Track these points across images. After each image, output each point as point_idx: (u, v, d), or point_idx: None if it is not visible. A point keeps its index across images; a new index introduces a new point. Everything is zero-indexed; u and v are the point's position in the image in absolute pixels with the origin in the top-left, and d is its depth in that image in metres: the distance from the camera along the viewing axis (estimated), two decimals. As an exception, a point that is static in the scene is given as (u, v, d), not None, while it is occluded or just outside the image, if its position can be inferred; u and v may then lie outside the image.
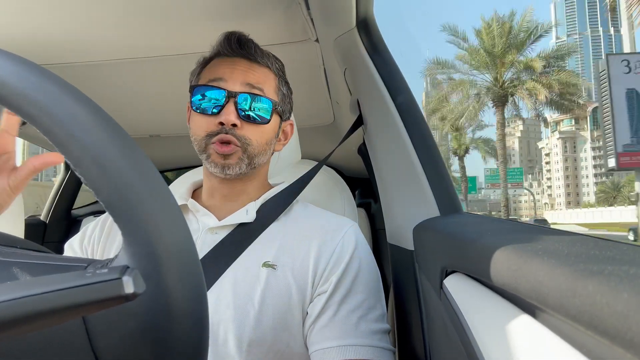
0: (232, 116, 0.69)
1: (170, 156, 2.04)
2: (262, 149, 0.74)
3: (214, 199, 0.77)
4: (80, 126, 0.28)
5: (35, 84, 0.28)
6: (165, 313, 0.29)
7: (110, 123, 0.30)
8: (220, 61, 0.74)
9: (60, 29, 0.98)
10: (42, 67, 0.30)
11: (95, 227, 0.80)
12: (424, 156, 0.73)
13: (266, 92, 0.73)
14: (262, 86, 0.72)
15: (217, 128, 0.70)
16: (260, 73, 0.74)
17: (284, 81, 0.79)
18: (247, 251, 0.70)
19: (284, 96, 0.78)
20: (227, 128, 0.69)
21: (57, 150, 0.29)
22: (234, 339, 0.64)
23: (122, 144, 0.29)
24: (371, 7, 0.85)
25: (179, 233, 0.30)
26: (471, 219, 0.57)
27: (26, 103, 0.28)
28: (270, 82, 0.75)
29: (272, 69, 0.76)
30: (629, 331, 0.17)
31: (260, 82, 0.73)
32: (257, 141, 0.72)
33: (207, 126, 0.70)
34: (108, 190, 0.28)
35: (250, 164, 0.73)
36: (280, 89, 0.77)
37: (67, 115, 0.28)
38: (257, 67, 0.74)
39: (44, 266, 0.32)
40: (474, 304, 0.37)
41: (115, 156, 0.29)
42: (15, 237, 0.40)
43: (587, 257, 0.24)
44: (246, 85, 0.71)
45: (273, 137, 0.76)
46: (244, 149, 0.71)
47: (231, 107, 0.69)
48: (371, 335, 0.66)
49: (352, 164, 1.93)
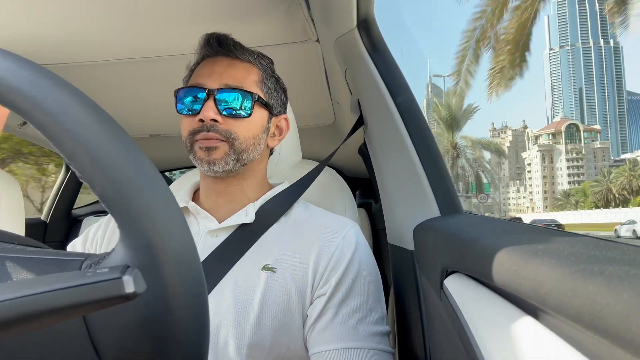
0: (210, 112, 0.69)
1: (171, 156, 2.05)
2: (250, 143, 0.73)
3: (211, 199, 0.77)
4: (73, 119, 0.28)
5: (27, 78, 0.28)
6: (163, 305, 0.29)
7: (102, 116, 0.30)
8: (204, 63, 0.75)
9: (61, 29, 0.98)
10: (34, 63, 0.30)
11: (98, 228, 0.80)
12: (425, 156, 0.73)
13: (246, 86, 0.73)
14: (241, 81, 0.73)
15: (198, 125, 0.70)
16: (240, 69, 0.74)
17: (271, 76, 0.78)
18: (247, 254, 0.70)
19: (270, 90, 0.77)
20: (208, 125, 0.70)
21: (52, 145, 0.29)
22: (234, 342, 0.64)
23: (115, 137, 0.29)
24: (372, 7, 0.85)
25: (176, 224, 0.30)
26: (472, 220, 0.57)
27: (19, 98, 0.28)
28: (252, 76, 0.75)
29: (255, 64, 0.76)
30: (629, 331, 0.17)
31: (239, 76, 0.73)
32: (243, 135, 0.72)
33: (190, 125, 0.71)
34: (102, 183, 0.28)
35: (239, 160, 0.72)
36: (265, 82, 0.76)
37: (59, 109, 0.28)
38: (237, 63, 0.74)
39: (40, 260, 0.32)
40: (474, 304, 0.37)
41: (108, 148, 0.28)
42: (15, 234, 0.40)
43: (588, 258, 0.24)
44: (224, 84, 0.71)
45: (261, 131, 0.76)
46: (231, 144, 0.71)
47: (210, 104, 0.69)
48: (370, 337, 0.66)
49: (353, 164, 1.94)
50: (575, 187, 78.65)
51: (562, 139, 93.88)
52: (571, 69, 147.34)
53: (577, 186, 79.60)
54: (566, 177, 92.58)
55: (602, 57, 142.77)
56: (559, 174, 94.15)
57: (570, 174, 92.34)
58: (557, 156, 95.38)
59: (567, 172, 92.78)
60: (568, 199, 79.45)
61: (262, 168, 0.81)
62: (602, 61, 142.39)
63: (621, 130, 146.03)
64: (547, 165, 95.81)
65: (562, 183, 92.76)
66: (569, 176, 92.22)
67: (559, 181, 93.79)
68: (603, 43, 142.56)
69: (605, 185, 67.86)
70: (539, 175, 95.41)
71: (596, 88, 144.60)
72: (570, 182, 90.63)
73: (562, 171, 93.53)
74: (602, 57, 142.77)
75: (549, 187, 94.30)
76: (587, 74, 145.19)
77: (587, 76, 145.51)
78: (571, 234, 0.35)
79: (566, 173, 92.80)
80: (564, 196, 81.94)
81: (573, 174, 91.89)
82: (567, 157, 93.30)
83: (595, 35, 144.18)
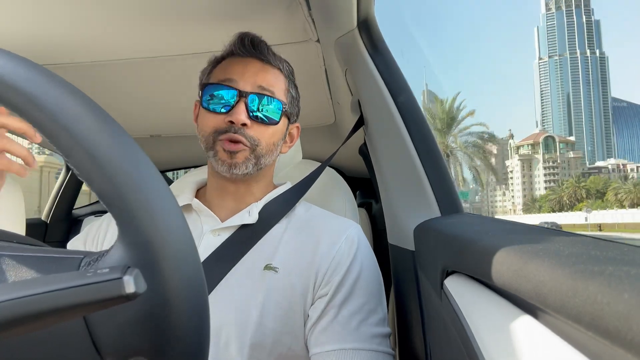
0: (242, 115, 0.69)
1: (171, 156, 2.04)
2: (270, 149, 0.74)
3: (218, 198, 0.77)
4: (69, 116, 0.28)
5: (23, 76, 0.28)
6: (162, 301, 0.29)
7: (99, 112, 0.30)
8: (233, 61, 0.74)
9: (61, 29, 0.98)
10: (30, 60, 0.30)
11: (99, 226, 0.80)
12: (425, 156, 0.73)
13: (276, 93, 0.73)
14: (273, 88, 0.73)
15: (226, 126, 0.70)
16: (272, 75, 0.74)
17: (293, 84, 0.79)
18: (249, 253, 0.70)
19: (293, 99, 0.78)
20: (236, 127, 0.69)
21: (50, 143, 0.29)
22: (236, 342, 0.64)
23: (113, 133, 0.29)
24: (372, 7, 0.85)
25: (174, 221, 0.30)
26: (472, 220, 0.57)
27: (15, 96, 0.28)
28: (280, 84, 0.75)
29: (283, 72, 0.76)
30: (629, 331, 0.17)
31: (271, 83, 0.73)
32: (266, 142, 0.72)
33: (216, 123, 0.71)
34: (100, 179, 0.28)
35: (257, 165, 0.72)
36: (290, 91, 0.77)
37: (56, 106, 0.28)
38: (269, 68, 0.74)
39: (38, 258, 0.32)
40: (475, 304, 0.37)
41: (105, 144, 0.28)
42: (14, 233, 0.40)
43: (588, 258, 0.24)
44: (257, 86, 0.71)
45: (281, 138, 0.77)
46: (253, 149, 0.71)
47: (242, 107, 0.69)
48: (371, 339, 0.66)
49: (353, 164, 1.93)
50: (542, 193, 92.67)
51: (540, 149, 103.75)
52: (559, 77, 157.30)
53: (544, 192, 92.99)
54: (543, 184, 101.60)
55: (589, 66, 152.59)
56: (537, 180, 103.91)
57: (546, 180, 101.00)
58: (535, 164, 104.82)
59: (544, 179, 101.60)
60: (534, 204, 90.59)
61: (271, 171, 0.81)
62: (588, 70, 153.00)
63: (606, 133, 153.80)
64: (526, 173, 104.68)
65: (539, 189, 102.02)
66: (546, 182, 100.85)
67: (537, 187, 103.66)
68: (590, 53, 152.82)
69: (559, 194, 78.33)
70: (519, 182, 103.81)
71: (583, 95, 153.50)
72: (546, 188, 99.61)
73: (539, 178, 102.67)
74: (589, 66, 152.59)
75: (527, 192, 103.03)
76: (574, 81, 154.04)
77: (574, 84, 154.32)
78: (571, 234, 0.35)
79: (543, 180, 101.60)
80: (531, 201, 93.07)
81: (549, 180, 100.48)
82: (544, 166, 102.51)
83: (582, 46, 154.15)
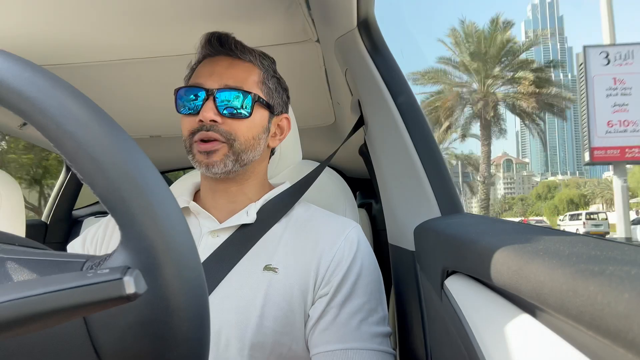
0: (210, 112, 0.69)
1: (171, 157, 2.04)
2: (250, 144, 0.73)
3: (211, 199, 0.77)
4: (74, 121, 0.28)
5: (28, 80, 0.28)
6: (163, 306, 0.29)
7: (103, 117, 0.30)
8: (204, 62, 0.75)
9: (61, 31, 0.98)
10: (35, 64, 0.30)
11: (97, 228, 0.80)
12: (425, 156, 0.73)
13: (247, 86, 0.72)
14: (242, 81, 0.72)
15: (198, 125, 0.70)
16: (241, 68, 0.74)
17: (272, 76, 0.78)
18: (249, 254, 0.69)
19: (271, 90, 0.77)
20: (207, 125, 0.69)
21: (53, 147, 0.29)
22: (236, 342, 0.64)
23: (117, 138, 0.29)
24: (372, 7, 0.85)
25: (176, 225, 0.30)
26: (472, 220, 0.57)
27: (19, 100, 0.28)
28: (252, 76, 0.74)
29: (256, 64, 0.76)
30: (630, 331, 0.17)
31: (240, 77, 0.72)
32: (244, 136, 0.72)
33: (190, 125, 0.71)
34: (103, 184, 0.28)
35: (238, 161, 0.72)
36: (266, 83, 0.76)
37: (61, 111, 0.28)
38: (238, 62, 0.74)
39: (41, 262, 0.32)
40: (475, 304, 0.37)
41: (109, 150, 0.28)
42: (15, 235, 0.40)
43: (588, 258, 0.24)
44: (225, 82, 0.71)
45: (261, 131, 0.75)
46: (230, 145, 0.71)
47: (210, 104, 0.69)
48: (372, 338, 0.66)
49: (353, 165, 1.94)
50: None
51: (501, 169, 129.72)
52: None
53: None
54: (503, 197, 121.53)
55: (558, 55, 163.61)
56: (498, 193, 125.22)
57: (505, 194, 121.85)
58: (497, 181, 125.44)
59: (504, 192, 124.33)
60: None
61: (262, 168, 0.80)
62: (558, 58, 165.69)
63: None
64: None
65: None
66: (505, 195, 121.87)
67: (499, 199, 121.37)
68: (559, 47, 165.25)
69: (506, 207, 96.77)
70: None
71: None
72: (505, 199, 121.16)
73: (500, 191, 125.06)
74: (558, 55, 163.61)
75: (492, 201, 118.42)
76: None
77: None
78: (571, 234, 0.35)
79: (502, 193, 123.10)
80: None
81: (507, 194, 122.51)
82: (504, 182, 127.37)
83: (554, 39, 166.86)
